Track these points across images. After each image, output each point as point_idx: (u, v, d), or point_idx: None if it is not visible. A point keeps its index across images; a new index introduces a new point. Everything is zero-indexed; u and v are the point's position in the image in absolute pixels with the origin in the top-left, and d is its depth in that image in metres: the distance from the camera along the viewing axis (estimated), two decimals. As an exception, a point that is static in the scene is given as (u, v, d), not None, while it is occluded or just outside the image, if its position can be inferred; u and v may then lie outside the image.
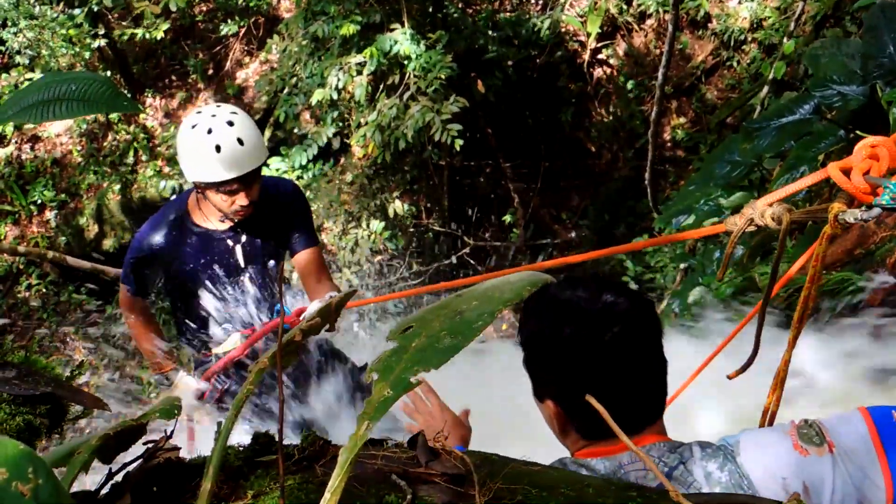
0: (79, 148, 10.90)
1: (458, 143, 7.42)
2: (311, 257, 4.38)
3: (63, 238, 10.54)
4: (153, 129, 10.85)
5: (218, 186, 3.89)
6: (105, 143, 10.81)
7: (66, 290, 10.09)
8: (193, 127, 3.84)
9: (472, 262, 8.99)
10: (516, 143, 9.47)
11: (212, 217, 4.14)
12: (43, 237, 10.60)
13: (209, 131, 3.80)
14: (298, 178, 9.02)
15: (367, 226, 8.67)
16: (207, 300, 4.28)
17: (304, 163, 8.65)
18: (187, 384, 4.29)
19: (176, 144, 4.01)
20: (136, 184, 10.39)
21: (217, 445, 1.13)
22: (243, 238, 4.20)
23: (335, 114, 8.38)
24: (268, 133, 9.89)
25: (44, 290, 10.29)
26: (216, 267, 4.22)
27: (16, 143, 11.05)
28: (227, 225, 4.16)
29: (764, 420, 2.29)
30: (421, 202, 9.33)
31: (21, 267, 10.47)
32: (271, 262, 4.34)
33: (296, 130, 9.23)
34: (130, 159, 10.62)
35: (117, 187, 10.39)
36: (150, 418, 1.28)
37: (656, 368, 1.94)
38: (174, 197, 4.48)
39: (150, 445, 1.32)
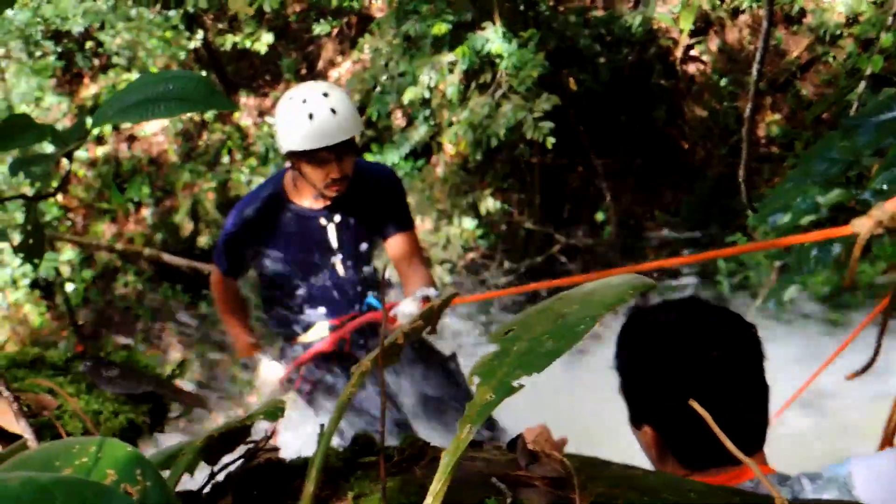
0: (175, 147, 11.11)
1: (550, 140, 7.44)
2: (406, 240, 4.39)
3: (159, 235, 10.71)
4: (247, 129, 11.02)
5: (310, 157, 3.97)
6: (200, 143, 11.01)
7: (162, 287, 10.28)
8: (291, 98, 3.97)
9: (563, 259, 9.01)
10: (608, 141, 9.46)
11: (307, 195, 4.20)
12: (140, 234, 10.81)
13: (304, 101, 3.90)
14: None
15: (459, 223, 8.73)
16: (298, 281, 4.33)
17: (395, 160, 8.74)
18: (271, 370, 4.36)
19: (275, 116, 4.12)
20: (231, 182, 10.55)
21: (319, 447, 1.16)
22: (337, 218, 4.24)
23: (427, 112, 8.45)
24: (360, 132, 10.03)
25: (140, 286, 10.50)
26: (308, 246, 4.26)
27: (113, 142, 11.30)
28: (321, 204, 4.20)
29: (887, 441, 2.06)
30: (512, 200, 9.36)
31: (118, 264, 10.68)
32: (364, 246, 4.37)
33: (388, 128, 9.34)
34: (225, 158, 10.80)
35: (212, 185, 10.57)
36: (255, 419, 1.30)
37: (759, 395, 1.89)
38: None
39: (251, 446, 1.35)
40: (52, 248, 9.98)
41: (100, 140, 11.17)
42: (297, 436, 4.16)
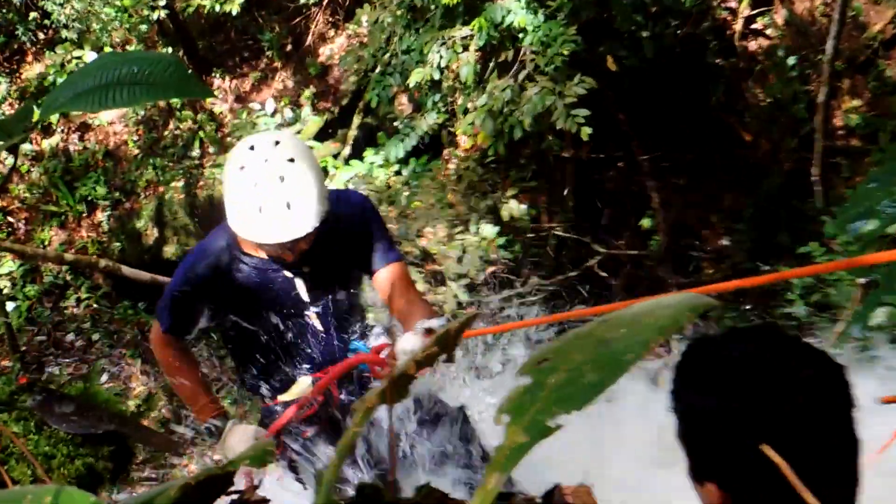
0: (135, 138, 11.14)
1: (586, 131, 7.40)
2: (395, 274, 4.40)
3: (117, 244, 10.75)
4: (222, 116, 11.05)
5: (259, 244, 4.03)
6: (166, 133, 11.05)
7: (121, 305, 10.29)
8: (241, 169, 3.90)
9: (602, 274, 8.99)
10: (655, 132, 9.43)
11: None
12: (94, 242, 10.83)
13: (255, 184, 3.85)
14: (395, 173, 9.15)
15: (477, 231, 8.73)
16: (269, 338, 4.36)
17: (400, 156, 8.72)
18: (243, 435, 4.34)
19: (223, 174, 4.08)
20: (203, 180, 10.57)
21: (319, 498, 1.18)
22: (305, 269, 4.28)
23: (437, 97, 8.43)
24: (357, 120, 10.03)
25: (95, 304, 10.50)
26: (275, 302, 4.30)
27: (62, 132, 11.34)
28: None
29: None
30: (540, 203, 9.36)
31: (69, 278, 10.70)
32: (341, 294, 4.40)
33: (391, 117, 9.34)
34: (196, 151, 10.83)
35: (180, 184, 10.58)
36: (239, 465, 1.30)
37: (848, 450, 1.86)
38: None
39: (234, 497, 1.39)
40: (-12, 260, 10.02)
41: (46, 130, 11.20)
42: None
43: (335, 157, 9.87)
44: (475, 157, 9.18)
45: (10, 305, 9.99)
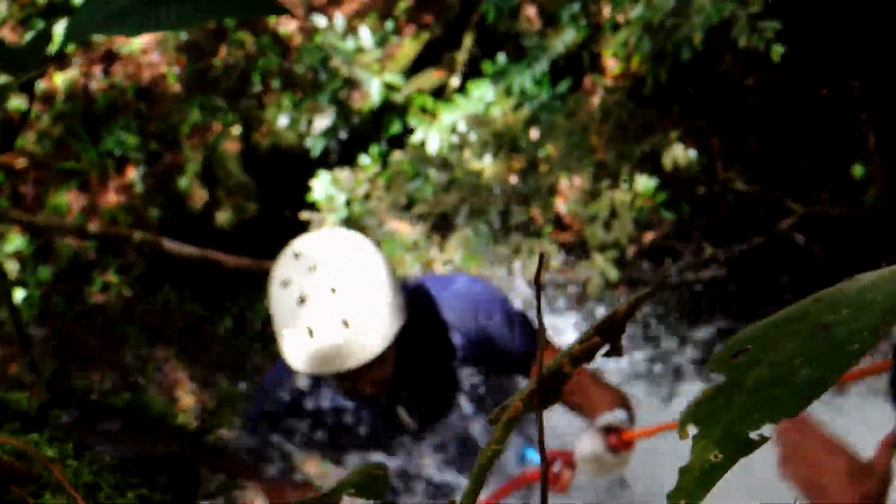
0: (176, 71, 11.20)
1: (777, 50, 7.37)
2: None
3: (154, 210, 10.83)
4: (289, 39, 11.05)
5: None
6: (216, 63, 11.09)
7: (161, 290, 10.34)
8: (285, 285, 3.94)
9: (799, 240, 8.91)
10: (871, 49, 9.33)
11: None
12: (124, 209, 10.91)
13: (301, 300, 3.87)
14: (517, 106, 9.12)
15: (630, 185, 8.71)
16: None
17: (527, 86, 8.73)
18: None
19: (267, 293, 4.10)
20: (265, 124, 10.62)
21: None
22: (403, 393, 4.32)
23: (576, 8, 8.43)
24: (468, 40, 10.04)
25: (127, 291, 10.58)
26: (376, 437, 4.36)
27: (81, 64, 11.42)
28: None
29: None
30: (714, 147, 9.31)
31: (93, 257, 10.77)
32: (467, 409, 4.42)
33: (514, 35, 9.34)
34: (256, 87, 10.87)
35: (236, 130, 10.64)
36: (342, 495, 1.29)
37: None
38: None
39: None
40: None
41: (60, 61, 11.30)
42: None
43: (439, 92, 9.88)
44: (627, 87, 9.15)
45: (18, 294, 10.08)
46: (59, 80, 11.33)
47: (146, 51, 11.38)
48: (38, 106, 11.25)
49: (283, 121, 10.36)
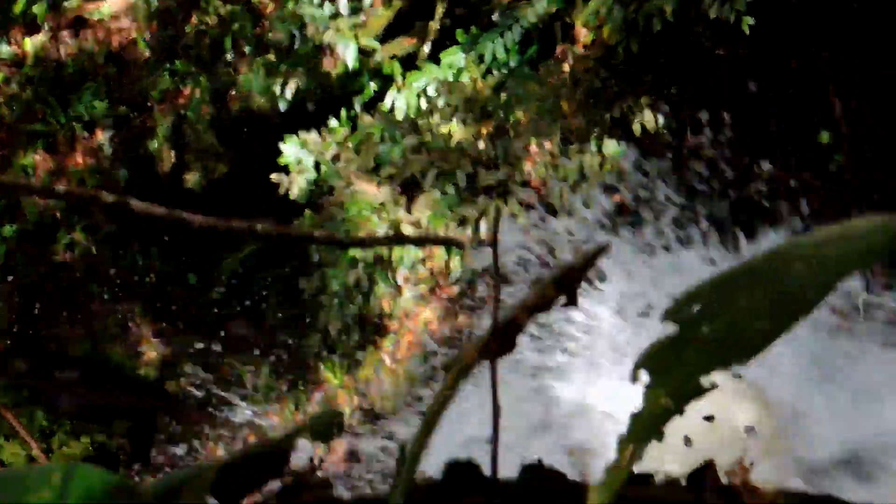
0: (147, 36, 11.17)
1: (747, 21, 7.38)
2: None
3: (123, 172, 10.82)
4: (262, 6, 11.03)
5: None
6: (187, 29, 11.07)
7: (129, 250, 10.30)
8: None
9: (766, 205, 8.90)
10: (839, 21, 9.35)
11: None
12: (92, 171, 10.87)
13: None
14: (486, 73, 9.11)
15: (599, 148, 8.69)
16: None
17: (499, 54, 8.73)
18: None
19: None
20: (236, 89, 10.59)
21: (400, 478, 1.21)
22: None
23: (549, -26, 8.43)
24: (440, 9, 10.03)
25: (94, 250, 10.52)
26: None
27: (50, 28, 11.39)
28: None
29: None
30: (685, 113, 9.31)
31: (59, 215, 10.72)
32: None
33: (485, 2, 9.33)
34: (227, 53, 10.84)
35: (206, 95, 10.61)
36: (296, 440, 1.32)
37: None
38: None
39: (290, 478, 1.37)
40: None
41: (29, 26, 11.25)
42: None
43: (409, 58, 9.87)
44: (598, 57, 9.15)
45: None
46: (29, 45, 11.29)
47: (116, 16, 11.35)
48: (6, 69, 11.21)
49: (255, 86, 10.35)
